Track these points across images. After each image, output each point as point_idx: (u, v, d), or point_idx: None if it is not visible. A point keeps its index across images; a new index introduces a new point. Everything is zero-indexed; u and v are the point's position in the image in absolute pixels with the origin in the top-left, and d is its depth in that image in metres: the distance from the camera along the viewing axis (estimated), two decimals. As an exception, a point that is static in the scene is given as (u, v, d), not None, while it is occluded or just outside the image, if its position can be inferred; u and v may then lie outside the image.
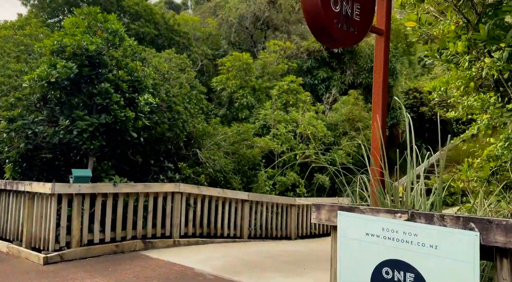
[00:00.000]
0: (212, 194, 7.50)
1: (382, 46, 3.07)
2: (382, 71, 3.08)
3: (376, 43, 3.12)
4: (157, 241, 6.73)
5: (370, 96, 11.08)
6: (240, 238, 8.02)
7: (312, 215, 2.83)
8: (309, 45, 13.56)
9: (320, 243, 8.97)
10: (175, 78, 8.70)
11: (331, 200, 10.02)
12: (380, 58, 3.08)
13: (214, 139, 8.59)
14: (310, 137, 10.02)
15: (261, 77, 12.25)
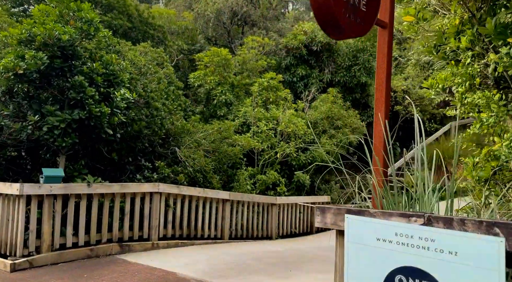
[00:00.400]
0: (193, 194, 7.22)
1: (385, 40, 2.92)
2: (386, 66, 2.93)
3: (379, 37, 2.97)
4: (134, 244, 6.39)
5: (348, 94, 11.03)
6: (221, 239, 7.78)
7: (316, 219, 2.64)
8: (288, 42, 13.42)
9: (301, 242, 8.86)
10: (152, 73, 8.33)
11: (310, 199, 9.94)
12: (383, 53, 2.93)
13: (193, 137, 8.29)
14: (291, 135, 9.89)
15: (240, 74, 12.00)
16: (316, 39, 12.99)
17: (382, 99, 2.95)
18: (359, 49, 13.14)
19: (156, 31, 14.76)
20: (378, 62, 2.96)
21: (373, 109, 10.68)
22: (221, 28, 16.41)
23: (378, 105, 2.96)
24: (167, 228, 6.94)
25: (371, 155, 3.25)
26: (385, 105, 2.96)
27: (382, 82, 2.94)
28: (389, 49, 2.93)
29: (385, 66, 2.92)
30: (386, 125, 2.99)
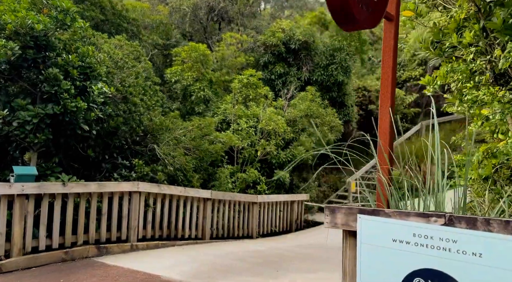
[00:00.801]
0: (174, 193, 6.97)
1: (392, 33, 2.83)
2: (392, 60, 2.84)
3: (385, 30, 2.88)
4: (112, 246, 6.09)
5: (325, 93, 11.03)
6: (201, 239, 7.56)
7: (325, 219, 2.51)
8: (266, 39, 13.29)
9: (282, 241, 8.78)
10: (130, 67, 7.98)
11: (290, 197, 9.88)
12: (389, 46, 2.84)
13: (173, 134, 8.01)
14: (271, 133, 9.78)
15: (219, 70, 11.77)
16: (294, 37, 12.94)
17: (388, 95, 2.87)
18: (336, 48, 13.20)
19: (130, 24, 14.25)
20: (384, 56, 2.87)
21: (349, 108, 10.72)
22: (197, 23, 16.08)
23: (383, 101, 2.87)
24: (146, 229, 6.66)
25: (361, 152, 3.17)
26: (391, 101, 2.87)
27: (388, 76, 2.86)
28: (395, 42, 2.84)
29: (391, 60, 2.83)
30: (392, 122, 2.91)
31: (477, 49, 3.03)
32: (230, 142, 8.70)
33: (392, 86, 2.89)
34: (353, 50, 14.05)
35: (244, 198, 8.43)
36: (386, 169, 2.91)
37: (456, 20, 3.10)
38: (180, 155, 7.63)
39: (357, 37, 13.93)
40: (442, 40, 3.66)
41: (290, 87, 12.69)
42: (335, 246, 9.04)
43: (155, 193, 6.70)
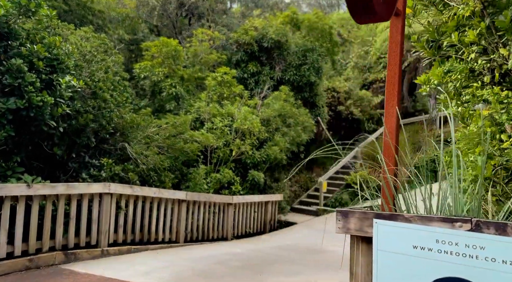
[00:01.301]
0: (147, 195, 6.61)
1: (399, 28, 2.72)
2: (399, 56, 2.73)
3: (392, 25, 2.76)
4: (81, 251, 5.66)
5: (297, 93, 10.94)
6: (175, 243, 7.24)
7: (337, 225, 2.35)
8: (239, 37, 13.07)
9: (257, 242, 8.61)
10: (99, 60, 7.50)
11: (265, 197, 9.74)
12: (396, 42, 2.73)
13: (145, 132, 7.62)
14: (246, 132, 9.58)
15: (192, 67, 11.41)
16: (267, 35, 12.81)
17: (395, 92, 2.75)
18: (308, 49, 13.21)
19: (95, 17, 13.56)
20: (390, 53, 2.75)
21: (320, 109, 10.69)
22: (166, 18, 15.58)
23: (390, 99, 2.75)
24: (118, 233, 6.27)
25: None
26: (398, 99, 2.76)
27: (395, 74, 2.74)
28: (402, 38, 2.74)
29: (398, 57, 2.72)
30: (399, 121, 2.80)
31: (479, 48, 2.99)
32: (206, 141, 8.41)
33: (398, 83, 2.78)
34: (324, 51, 14.13)
35: (220, 199, 8.18)
36: (392, 170, 2.79)
37: (459, 17, 3.04)
38: (154, 154, 7.27)
39: (328, 39, 14.04)
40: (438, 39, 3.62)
41: (263, 87, 12.56)
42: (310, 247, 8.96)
43: (127, 194, 6.32)
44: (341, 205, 12.59)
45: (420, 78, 3.71)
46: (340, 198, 12.65)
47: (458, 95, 3.43)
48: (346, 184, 13.21)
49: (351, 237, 2.52)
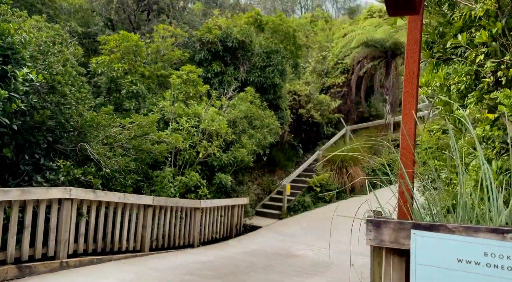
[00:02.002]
0: (111, 200, 6.08)
1: (418, 26, 2.58)
2: (418, 54, 2.60)
3: (410, 23, 2.61)
4: (37, 264, 5.05)
5: (262, 95, 10.75)
6: (140, 251, 6.74)
7: (367, 236, 2.14)
8: (202, 35, 12.65)
9: (226, 248, 8.30)
10: (56, 52, 6.82)
11: (231, 201, 9.45)
12: (415, 39, 2.59)
13: (107, 132, 7.03)
14: (213, 134, 9.22)
15: (154, 64, 10.84)
16: (231, 35, 12.52)
17: (413, 92, 2.61)
18: (273, 50, 13.10)
19: (45, 6, 12.54)
20: (409, 50, 2.61)
21: (284, 111, 10.56)
22: (124, 12, 14.77)
23: (408, 100, 2.61)
24: (78, 242, 5.69)
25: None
26: (416, 100, 2.63)
27: (414, 73, 2.61)
28: (420, 36, 2.61)
29: (417, 55, 2.59)
30: (417, 122, 2.66)
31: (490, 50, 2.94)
32: (175, 142, 7.95)
33: (417, 83, 2.64)
34: (288, 54, 14.09)
35: (187, 204, 7.77)
36: (411, 174, 2.64)
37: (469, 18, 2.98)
38: (118, 156, 6.72)
39: (292, 42, 14.05)
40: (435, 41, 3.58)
41: (227, 87, 12.24)
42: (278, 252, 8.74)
43: (89, 200, 5.76)
44: (304, 208, 12.61)
45: (422, 79, 3.64)
46: (303, 201, 12.66)
47: (461, 98, 3.39)
48: (308, 186, 13.25)
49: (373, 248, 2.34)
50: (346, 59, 18.95)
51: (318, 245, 9.27)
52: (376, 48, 16.26)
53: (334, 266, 7.29)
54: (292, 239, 9.79)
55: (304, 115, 16.33)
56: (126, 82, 10.03)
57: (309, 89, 16.82)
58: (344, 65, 19.38)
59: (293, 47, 14.04)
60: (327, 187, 13.33)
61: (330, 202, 13.15)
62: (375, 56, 16.88)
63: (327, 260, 7.80)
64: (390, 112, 16.28)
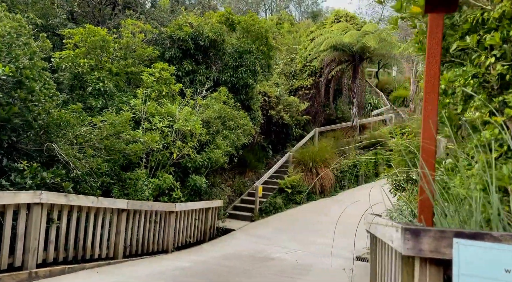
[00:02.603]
0: (84, 204, 5.66)
1: (440, 25, 2.51)
2: (439, 54, 2.54)
3: (431, 22, 2.53)
4: (3, 276, 4.58)
5: (234, 95, 10.57)
6: (114, 258, 6.34)
7: (405, 244, 2.02)
8: (173, 33, 12.24)
9: (202, 253, 8.03)
10: (21, 44, 6.27)
11: (206, 203, 9.19)
12: (437, 39, 2.52)
13: (76, 131, 6.56)
14: (187, 134, 8.90)
15: (123, 60, 10.32)
16: (203, 33, 12.22)
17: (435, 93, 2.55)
18: (245, 50, 12.94)
19: (1, -6, 11.62)
20: (430, 51, 2.55)
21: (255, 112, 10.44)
22: (88, 5, 14.03)
23: (430, 100, 2.54)
24: (48, 250, 5.23)
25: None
26: (437, 100, 2.57)
27: (435, 74, 2.54)
28: (441, 36, 2.55)
29: (439, 55, 2.53)
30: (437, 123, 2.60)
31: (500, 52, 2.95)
32: (151, 142, 7.56)
33: (438, 84, 2.58)
34: (261, 55, 13.98)
35: (162, 207, 7.43)
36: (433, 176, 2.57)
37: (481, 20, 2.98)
38: (89, 157, 6.28)
39: (264, 42, 13.97)
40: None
41: (198, 86, 11.93)
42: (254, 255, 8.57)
43: (61, 204, 5.32)
44: (275, 209, 12.54)
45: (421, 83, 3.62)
46: (274, 202, 12.59)
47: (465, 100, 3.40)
48: (279, 188, 13.21)
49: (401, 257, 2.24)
50: (314, 62, 19.17)
51: (293, 247, 9.23)
52: (344, 52, 16.56)
53: (314, 269, 7.25)
54: (266, 241, 9.67)
55: (274, 116, 16.31)
56: (92, 79, 9.48)
57: (279, 90, 16.81)
58: (311, 68, 19.58)
59: (266, 48, 13.95)
60: (298, 188, 13.36)
61: (301, 203, 13.19)
62: (342, 59, 17.20)
63: (305, 262, 7.75)
64: (356, 115, 16.62)
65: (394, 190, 8.99)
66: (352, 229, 12.37)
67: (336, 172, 14.74)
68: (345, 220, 12.08)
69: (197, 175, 9.14)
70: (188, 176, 9.30)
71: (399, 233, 2.06)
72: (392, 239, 2.30)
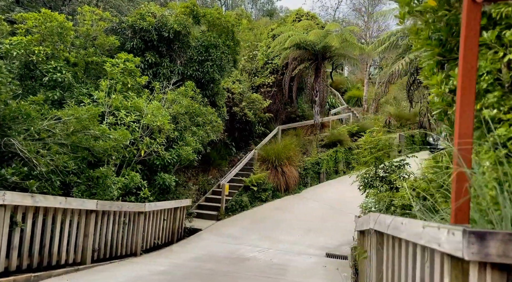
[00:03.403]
0: (51, 205, 5.10)
1: (477, 17, 2.43)
2: (477, 48, 2.45)
3: (469, 13, 2.42)
4: (-42, 290, 3.97)
5: (201, 90, 10.22)
6: (81, 264, 5.80)
7: (469, 249, 1.89)
8: (135, 22, 11.57)
9: (171, 256, 7.65)
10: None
11: (175, 203, 8.79)
12: (475, 32, 2.43)
13: (37, 126, 5.91)
14: (155, 130, 8.41)
15: (83, 49, 9.52)
16: (168, 24, 11.67)
17: (472, 87, 2.46)
18: (211, 44, 12.56)
19: None
20: (467, 43, 2.45)
21: (221, 109, 10.21)
22: (39, -11, 12.90)
23: (466, 95, 2.44)
24: (11, 258, 4.64)
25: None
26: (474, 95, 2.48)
27: (472, 68, 2.45)
28: (479, 28, 2.47)
29: (476, 49, 2.44)
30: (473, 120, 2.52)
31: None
32: (123, 138, 7.01)
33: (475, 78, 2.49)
34: (227, 50, 13.66)
35: (132, 208, 6.95)
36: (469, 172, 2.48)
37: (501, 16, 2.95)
38: (54, 153, 5.68)
39: (231, 37, 13.64)
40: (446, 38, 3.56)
41: (162, 80, 11.40)
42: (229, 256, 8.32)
43: (26, 205, 4.74)
44: (241, 208, 12.33)
45: (432, 80, 3.59)
46: (240, 200, 12.37)
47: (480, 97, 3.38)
48: (244, 185, 13.01)
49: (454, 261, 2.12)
50: (276, 60, 19.16)
51: (264, 245, 9.10)
52: (307, 51, 16.68)
53: (291, 268, 7.15)
54: (236, 241, 9.45)
55: (238, 113, 16.08)
56: (49, 69, 8.69)
57: (242, 87, 16.60)
58: (273, 65, 19.56)
59: (232, 42, 13.64)
60: (263, 186, 13.25)
61: (266, 201, 13.10)
62: (305, 58, 17.32)
63: (280, 262, 7.64)
64: (318, 113, 16.83)
65: (363, 187, 9.13)
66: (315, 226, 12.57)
67: (300, 169, 14.82)
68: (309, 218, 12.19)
69: (165, 173, 8.69)
70: (155, 174, 8.82)
71: (458, 236, 1.94)
72: (439, 242, 2.18)
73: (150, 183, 8.55)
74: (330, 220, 11.65)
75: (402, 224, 2.86)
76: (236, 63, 14.21)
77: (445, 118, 3.76)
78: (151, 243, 7.91)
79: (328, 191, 14.50)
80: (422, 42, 3.72)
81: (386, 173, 8.56)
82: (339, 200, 13.21)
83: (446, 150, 4.92)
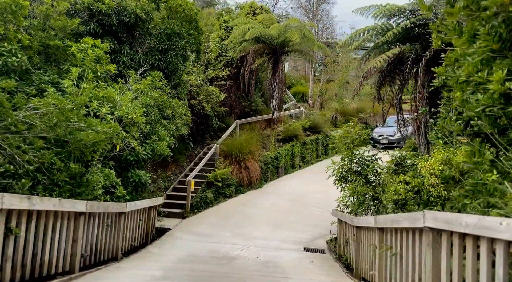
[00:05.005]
0: (45, 208, 4.49)
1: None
2: None
3: None
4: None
5: (167, 81, 9.75)
6: (70, 273, 5.20)
7: None
8: (92, 4, 10.58)
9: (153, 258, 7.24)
10: None
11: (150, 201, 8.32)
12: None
13: (13, 118, 5.13)
14: (128, 123, 7.78)
15: (42, 31, 8.43)
16: (128, 9, 10.86)
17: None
18: (174, 33, 11.95)
19: None
20: None
21: (183, 100, 9.91)
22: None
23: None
24: (4, 269, 3.99)
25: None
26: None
27: None
28: None
29: None
30: None
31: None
32: (113, 132, 6.34)
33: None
34: (191, 39, 13.08)
35: (115, 208, 6.38)
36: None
37: None
38: (37, 149, 4.99)
39: (194, 26, 13.08)
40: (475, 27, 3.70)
41: (122, 68, 10.61)
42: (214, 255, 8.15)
43: (23, 209, 4.10)
44: (206, 204, 12.03)
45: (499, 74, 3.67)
46: (205, 197, 12.06)
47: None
48: (208, 181, 12.69)
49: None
50: (230, 53, 18.87)
51: (241, 242, 8.98)
52: (266, 44, 16.67)
53: (282, 264, 7.13)
54: (211, 239, 9.19)
55: (196, 106, 15.61)
56: (2, 52, 7.62)
57: (199, 79, 16.12)
58: (228, 58, 19.23)
59: (196, 32, 13.12)
60: (227, 181, 13.04)
61: (230, 197, 12.92)
62: (263, 52, 17.28)
63: (267, 259, 7.59)
64: (276, 108, 16.95)
65: (339, 181, 9.40)
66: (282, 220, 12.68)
67: (261, 164, 14.83)
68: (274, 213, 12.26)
69: (139, 169, 8.13)
70: (126, 170, 8.21)
71: None
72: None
73: (122, 180, 7.93)
74: (294, 214, 11.84)
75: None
76: (199, 54, 13.73)
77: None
78: (128, 246, 7.36)
79: (287, 185, 14.72)
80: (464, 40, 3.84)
81: (360, 167, 8.89)
82: (300, 194, 13.49)
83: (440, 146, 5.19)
